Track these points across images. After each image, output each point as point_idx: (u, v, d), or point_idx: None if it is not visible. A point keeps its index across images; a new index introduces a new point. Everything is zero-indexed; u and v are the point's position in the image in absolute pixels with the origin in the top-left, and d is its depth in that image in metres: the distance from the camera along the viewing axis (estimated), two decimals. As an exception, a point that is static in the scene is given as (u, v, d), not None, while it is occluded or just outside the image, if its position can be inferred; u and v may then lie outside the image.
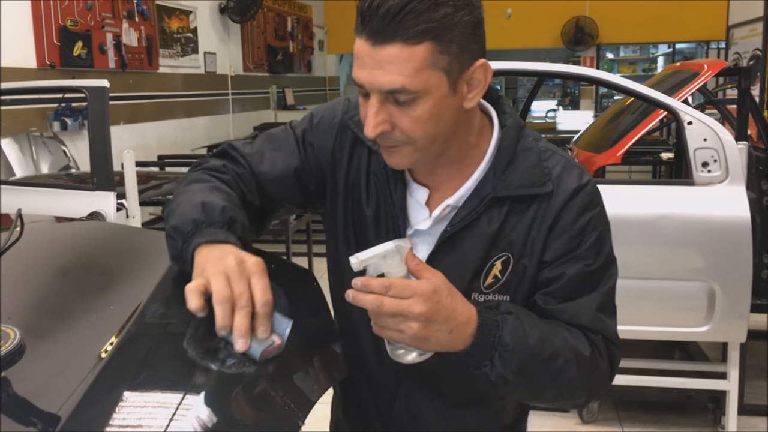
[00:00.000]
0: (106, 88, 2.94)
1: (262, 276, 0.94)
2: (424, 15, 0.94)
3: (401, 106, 0.99)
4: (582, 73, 3.23)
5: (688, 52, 12.37)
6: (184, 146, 6.95)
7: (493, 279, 1.11)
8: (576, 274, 1.09)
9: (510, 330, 1.01)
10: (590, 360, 1.07)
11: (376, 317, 0.94)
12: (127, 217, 3.06)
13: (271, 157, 1.22)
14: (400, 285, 0.93)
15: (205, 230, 1.01)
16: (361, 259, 0.92)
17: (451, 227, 1.10)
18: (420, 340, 0.96)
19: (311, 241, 5.40)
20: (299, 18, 10.53)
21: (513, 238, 1.10)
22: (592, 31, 10.97)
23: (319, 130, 1.22)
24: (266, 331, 0.90)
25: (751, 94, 3.52)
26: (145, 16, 6.21)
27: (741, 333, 2.78)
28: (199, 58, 7.44)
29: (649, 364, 3.27)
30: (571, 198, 1.09)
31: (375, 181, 1.17)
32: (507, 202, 1.10)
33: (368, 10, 0.96)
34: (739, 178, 2.70)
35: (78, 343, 0.91)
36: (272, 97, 9.41)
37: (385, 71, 0.96)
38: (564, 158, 1.14)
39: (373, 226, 1.16)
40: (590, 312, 1.10)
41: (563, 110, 11.04)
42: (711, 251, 2.71)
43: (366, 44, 0.97)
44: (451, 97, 1.01)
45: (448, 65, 0.98)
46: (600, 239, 1.11)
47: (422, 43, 0.95)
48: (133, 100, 6.14)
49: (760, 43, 4.84)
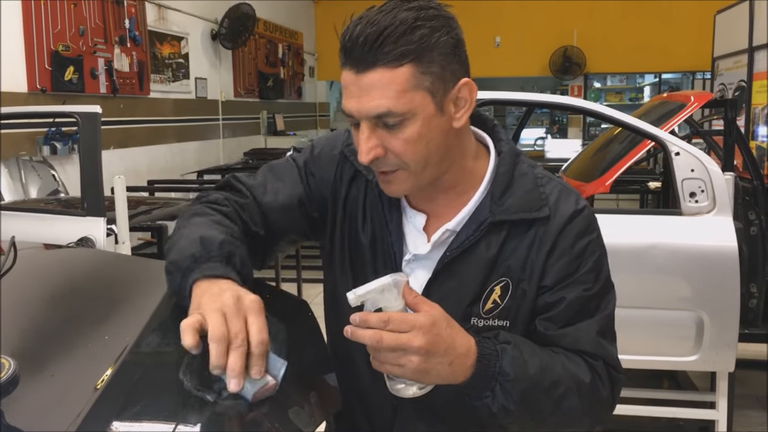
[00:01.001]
0: (98, 114, 2.94)
1: (259, 315, 0.93)
2: (402, 39, 0.98)
3: (391, 130, 1.02)
4: (574, 104, 3.28)
5: (674, 82, 12.54)
6: (174, 171, 6.95)
7: (493, 304, 1.11)
8: (576, 299, 1.10)
9: (510, 359, 1.01)
10: (591, 386, 1.08)
11: (376, 352, 0.94)
12: (117, 242, 3.05)
13: (274, 188, 1.23)
14: (398, 319, 0.93)
15: (203, 265, 1.01)
16: (359, 295, 0.92)
17: (450, 252, 1.11)
18: (420, 374, 0.95)
19: (300, 266, 5.39)
20: (290, 45, 10.61)
21: (511, 263, 1.11)
22: (579, 60, 11.10)
23: (320, 161, 1.24)
24: (260, 372, 0.89)
25: (737, 125, 3.57)
26: (137, 41, 6.24)
27: (729, 362, 2.79)
28: (191, 83, 7.47)
29: (638, 393, 3.27)
30: (568, 222, 1.11)
31: (371, 210, 1.18)
32: (505, 226, 1.11)
33: (349, 42, 1.00)
34: (726, 208, 2.73)
35: (73, 373, 0.91)
36: (263, 122, 9.44)
37: (371, 97, 1.00)
38: (560, 184, 1.16)
39: (370, 253, 1.17)
40: (590, 337, 1.10)
41: (552, 138, 11.14)
42: (699, 281, 2.73)
43: (350, 74, 1.01)
44: (439, 117, 1.03)
45: (431, 85, 1.01)
46: (598, 263, 1.13)
47: (402, 65, 0.99)
48: (124, 124, 6.14)
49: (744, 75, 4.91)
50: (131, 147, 6.26)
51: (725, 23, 5.43)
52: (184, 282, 1.00)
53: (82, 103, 4.92)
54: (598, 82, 12.56)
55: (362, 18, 1.01)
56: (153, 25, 6.63)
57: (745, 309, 3.04)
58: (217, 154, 8.08)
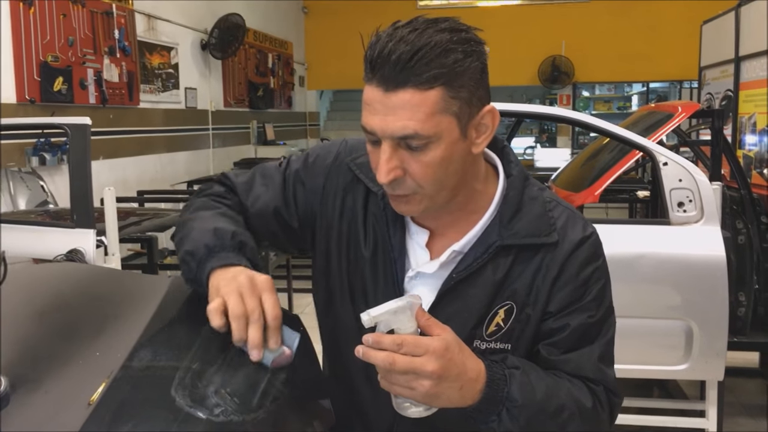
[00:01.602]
0: (87, 126, 2.93)
1: (272, 292, 1.01)
2: (435, 61, 0.96)
3: (413, 152, 1.00)
4: (565, 116, 3.30)
5: (661, 91, 12.64)
6: (164, 181, 6.93)
7: (496, 327, 1.11)
8: (579, 326, 1.11)
9: (518, 385, 1.02)
10: (592, 411, 1.09)
11: (387, 374, 0.94)
12: (107, 254, 3.04)
13: (255, 192, 1.25)
14: (412, 342, 0.93)
15: (218, 254, 1.07)
16: (373, 316, 0.92)
17: (456, 274, 1.11)
18: (430, 397, 0.96)
19: (291, 276, 5.38)
20: (280, 54, 10.62)
21: (517, 287, 1.11)
22: (568, 69, 11.17)
23: (312, 170, 1.24)
24: (277, 342, 0.98)
25: (724, 134, 3.60)
26: (127, 52, 6.23)
27: (719, 371, 2.81)
28: (180, 93, 7.46)
29: (628, 402, 3.26)
30: (575, 249, 1.11)
31: (374, 223, 1.17)
32: (513, 250, 1.11)
33: (378, 58, 0.98)
34: (714, 217, 2.76)
35: (65, 390, 0.90)
36: (253, 132, 9.42)
37: (398, 117, 0.98)
38: (568, 209, 1.16)
39: (370, 267, 1.16)
40: (592, 363, 1.11)
41: (541, 147, 11.19)
42: (688, 290, 2.75)
43: (377, 91, 0.99)
44: (462, 143, 1.03)
45: (458, 110, 1.00)
46: (602, 291, 1.13)
47: (434, 88, 0.97)
48: (113, 135, 6.12)
49: (731, 84, 4.95)
50: (121, 157, 6.24)
51: (712, 33, 5.48)
52: (201, 271, 1.07)
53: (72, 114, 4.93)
54: (587, 91, 12.65)
55: (393, 35, 0.98)
56: (142, 35, 6.62)
57: (734, 317, 3.06)
58: (207, 164, 8.06)
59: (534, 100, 13.19)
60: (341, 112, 13.59)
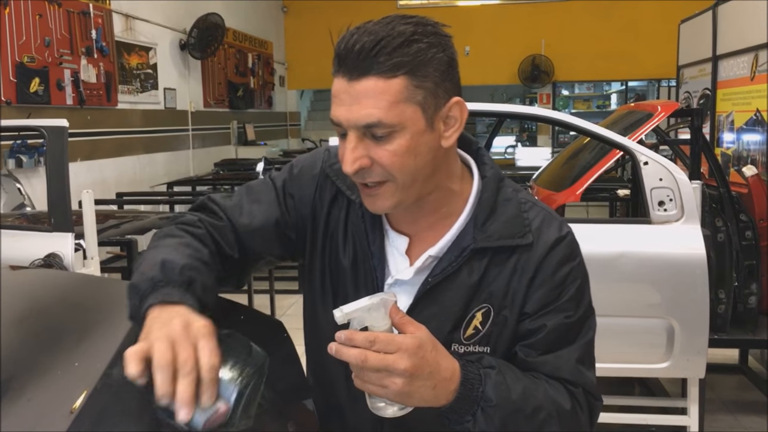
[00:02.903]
0: (65, 128, 2.90)
1: (209, 339, 0.90)
2: (398, 50, 0.97)
3: (378, 141, 1.00)
4: (546, 116, 3.30)
5: (640, 90, 12.75)
6: (143, 183, 6.87)
7: (474, 330, 1.11)
8: (556, 326, 1.10)
9: (493, 385, 1.01)
10: (570, 413, 1.08)
11: (360, 371, 0.93)
12: (85, 258, 3.00)
13: (250, 209, 1.21)
14: (385, 339, 0.92)
15: (161, 290, 0.98)
16: (346, 312, 0.91)
17: (432, 278, 1.10)
18: (403, 396, 0.94)
19: (273, 278, 5.35)
20: (260, 54, 10.57)
21: (493, 289, 1.10)
22: (547, 68, 11.23)
23: (299, 181, 1.22)
24: (212, 398, 0.86)
25: (703, 133, 3.63)
26: (104, 52, 6.17)
27: (700, 369, 2.82)
28: (159, 94, 7.40)
29: (609, 400, 3.28)
30: (551, 249, 1.11)
31: (353, 231, 1.16)
32: (488, 253, 1.10)
33: (344, 50, 0.99)
34: (694, 216, 2.77)
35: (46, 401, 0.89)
36: (233, 132, 9.38)
37: (362, 105, 0.98)
38: (543, 210, 1.15)
39: (351, 275, 1.16)
40: (570, 364, 1.10)
41: (521, 146, 11.24)
42: (669, 288, 2.76)
43: (342, 81, 1.00)
44: (428, 134, 1.02)
45: (423, 100, 1.00)
46: (580, 291, 1.13)
47: (397, 76, 0.98)
48: (92, 136, 6.06)
49: (709, 83, 4.99)
50: (99, 159, 6.17)
51: (690, 32, 5.53)
52: (141, 306, 0.98)
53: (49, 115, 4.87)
54: (566, 89, 12.73)
55: (359, 28, 1.00)
56: (120, 35, 6.56)
57: (714, 315, 3.09)
58: (187, 165, 8.00)
59: (514, 99, 13.25)
60: (322, 111, 13.54)
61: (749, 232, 3.36)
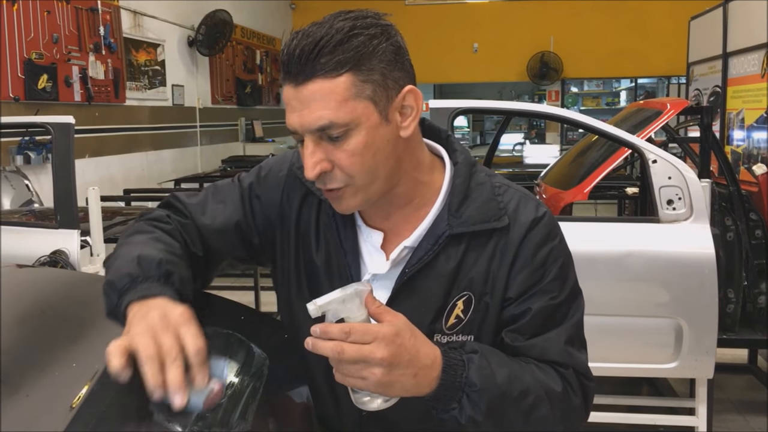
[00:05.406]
0: (71, 125, 2.89)
1: (190, 324, 0.91)
2: (339, 48, 0.96)
3: (335, 143, 0.99)
4: (554, 113, 3.28)
5: (649, 87, 12.68)
6: (150, 180, 6.88)
7: (456, 319, 1.09)
8: (542, 309, 1.08)
9: (476, 369, 0.99)
10: (562, 395, 1.06)
11: (338, 364, 0.91)
12: (92, 254, 3.00)
13: (213, 210, 1.20)
14: (360, 330, 0.89)
15: (139, 285, 0.98)
16: (319, 305, 0.89)
17: (408, 269, 1.08)
18: (384, 386, 0.92)
19: (258, 274, 5.32)
20: (268, 51, 10.57)
21: (473, 276, 1.09)
22: (556, 65, 11.18)
23: (266, 183, 1.21)
24: (204, 380, 0.86)
25: (713, 131, 3.60)
26: (113, 49, 6.18)
27: (708, 369, 2.80)
28: (167, 90, 7.41)
29: (617, 400, 3.27)
30: (529, 231, 1.09)
31: (324, 230, 1.15)
32: (464, 239, 1.09)
33: (286, 57, 0.98)
34: (704, 215, 2.75)
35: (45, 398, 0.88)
36: (241, 129, 9.38)
37: (311, 109, 0.97)
38: (519, 191, 1.14)
39: (325, 275, 1.14)
40: (559, 347, 1.08)
41: (530, 144, 11.20)
42: (677, 288, 2.74)
43: (290, 88, 0.99)
44: (385, 127, 1.01)
45: (372, 93, 0.99)
46: (563, 270, 1.10)
47: (341, 75, 0.97)
48: (99, 133, 6.07)
49: (719, 80, 4.96)
50: (107, 155, 6.19)
51: (700, 29, 5.49)
52: (120, 304, 0.98)
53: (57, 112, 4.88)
54: (575, 87, 12.67)
55: (299, 32, 0.99)
56: (128, 32, 6.56)
57: (723, 314, 3.06)
58: (195, 161, 8.01)
59: (523, 96, 13.20)
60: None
61: (759, 231, 3.34)
